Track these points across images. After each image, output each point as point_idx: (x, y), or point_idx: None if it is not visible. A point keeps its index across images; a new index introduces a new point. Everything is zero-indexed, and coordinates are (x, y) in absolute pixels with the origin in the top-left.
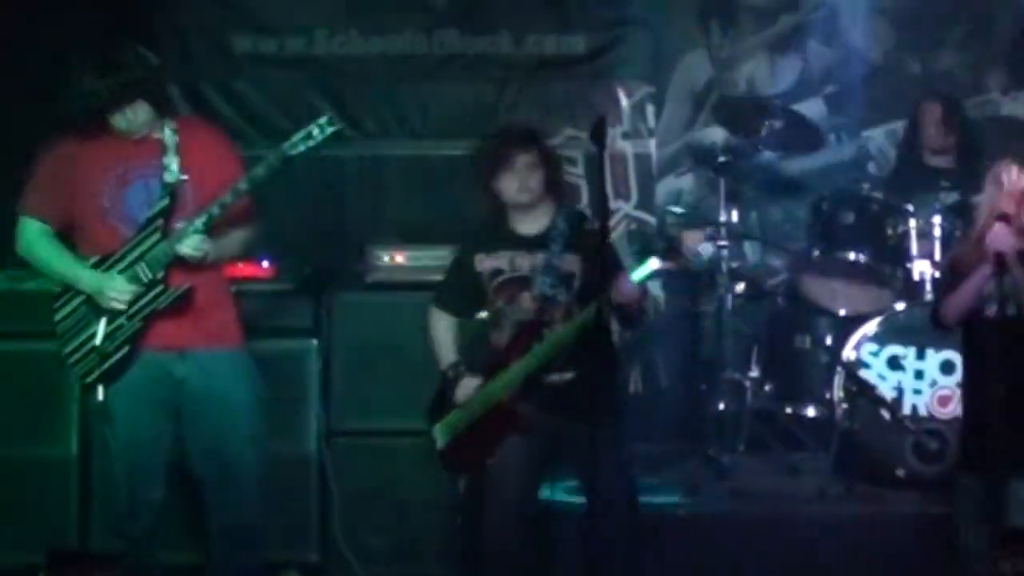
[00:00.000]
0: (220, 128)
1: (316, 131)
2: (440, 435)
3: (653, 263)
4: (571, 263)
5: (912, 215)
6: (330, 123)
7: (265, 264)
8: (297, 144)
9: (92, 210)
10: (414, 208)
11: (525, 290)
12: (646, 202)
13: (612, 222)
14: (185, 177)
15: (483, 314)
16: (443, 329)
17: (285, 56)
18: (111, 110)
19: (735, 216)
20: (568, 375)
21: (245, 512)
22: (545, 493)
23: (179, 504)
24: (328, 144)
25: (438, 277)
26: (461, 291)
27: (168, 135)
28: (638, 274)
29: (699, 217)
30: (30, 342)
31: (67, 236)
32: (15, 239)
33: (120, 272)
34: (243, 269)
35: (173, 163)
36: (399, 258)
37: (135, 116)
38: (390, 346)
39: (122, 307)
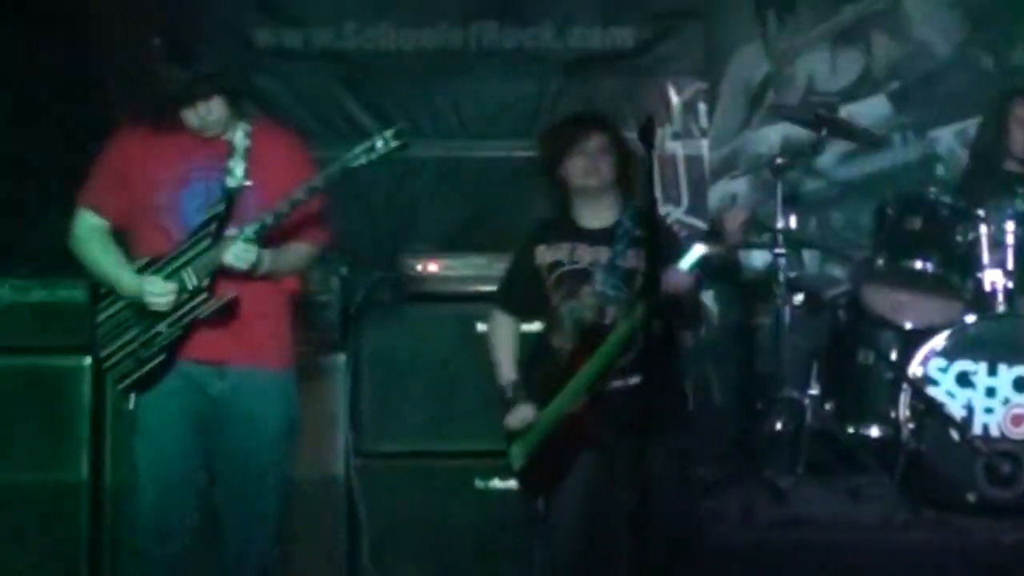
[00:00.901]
0: (299, 137)
1: (380, 143)
2: (517, 455)
3: (698, 248)
4: (635, 259)
5: (983, 221)
6: (397, 135)
7: None
8: (359, 156)
9: (147, 208)
10: (449, 214)
11: (585, 284)
12: (698, 207)
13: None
14: (249, 183)
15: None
16: (504, 336)
17: (311, 51)
18: (187, 103)
19: (793, 222)
20: (634, 380)
21: (259, 541)
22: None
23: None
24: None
25: (475, 287)
26: (523, 289)
27: (239, 138)
28: (685, 261)
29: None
30: (37, 357)
31: (123, 235)
32: (69, 233)
33: (166, 278)
34: None
35: (239, 167)
36: (433, 268)
37: (209, 112)
38: (423, 361)
39: (162, 308)
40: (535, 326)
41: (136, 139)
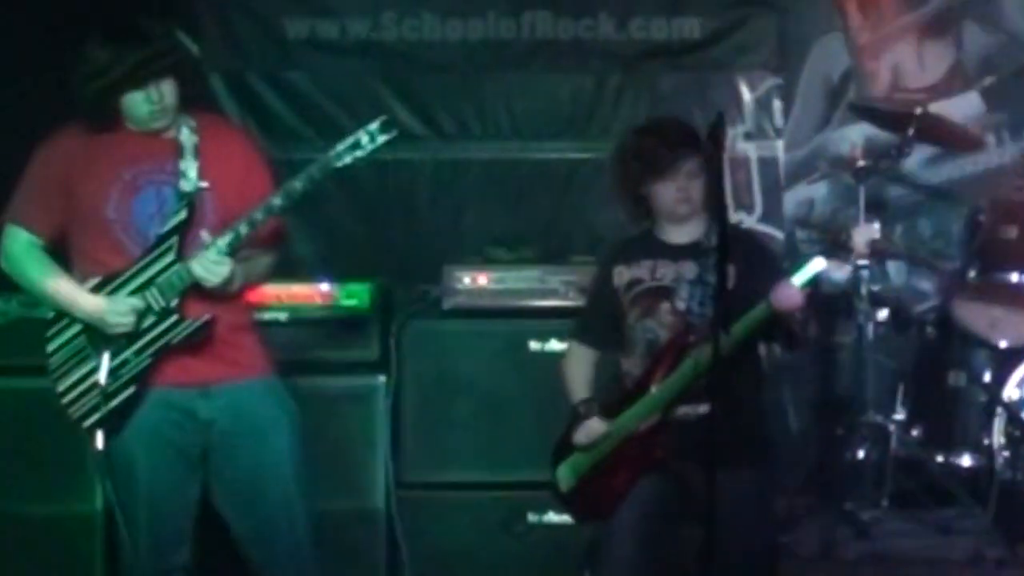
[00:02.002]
0: (244, 127)
1: (365, 139)
2: (565, 477)
3: (818, 263)
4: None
5: None
6: (382, 129)
7: (324, 287)
8: (342, 155)
9: (93, 221)
10: (499, 221)
11: (665, 301)
12: (772, 214)
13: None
14: (205, 185)
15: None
16: (577, 364)
17: (347, 43)
18: (128, 88)
19: (877, 231)
20: (702, 408)
21: (295, 572)
22: None
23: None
24: (382, 151)
25: (528, 302)
26: (602, 317)
27: (186, 134)
28: (801, 277)
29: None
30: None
31: (61, 252)
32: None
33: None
34: (298, 292)
35: (191, 168)
36: (482, 280)
37: (160, 97)
38: (471, 384)
39: (127, 330)
40: None
41: (71, 143)
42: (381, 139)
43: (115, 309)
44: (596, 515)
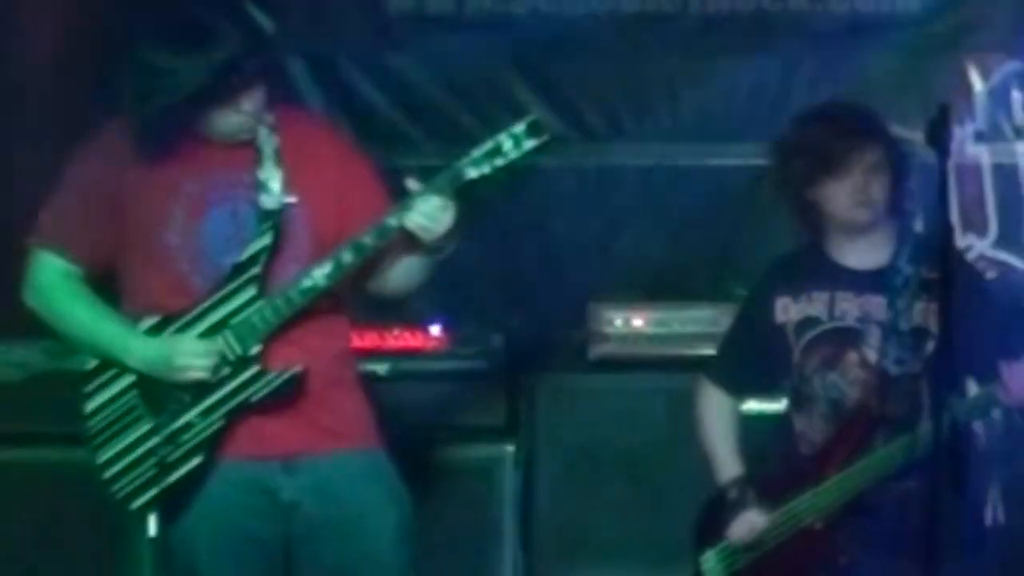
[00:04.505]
0: (336, 123)
1: (508, 144)
2: (713, 567)
3: None
4: (923, 315)
5: None
6: (530, 132)
7: (434, 331)
8: (479, 162)
9: (149, 246)
10: (660, 246)
11: (851, 350)
12: (1012, 239)
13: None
14: (293, 200)
15: (781, 402)
16: (715, 417)
17: (466, 18)
18: (206, 106)
19: None
20: (888, 498)
21: None
22: None
23: None
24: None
25: (694, 350)
26: (750, 356)
27: (264, 135)
28: None
29: None
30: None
31: (104, 287)
32: (25, 283)
33: None
34: (401, 338)
35: (274, 179)
36: (638, 321)
37: (251, 109)
38: (623, 456)
39: (202, 376)
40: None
41: (119, 147)
42: (529, 145)
43: (185, 349)
44: None
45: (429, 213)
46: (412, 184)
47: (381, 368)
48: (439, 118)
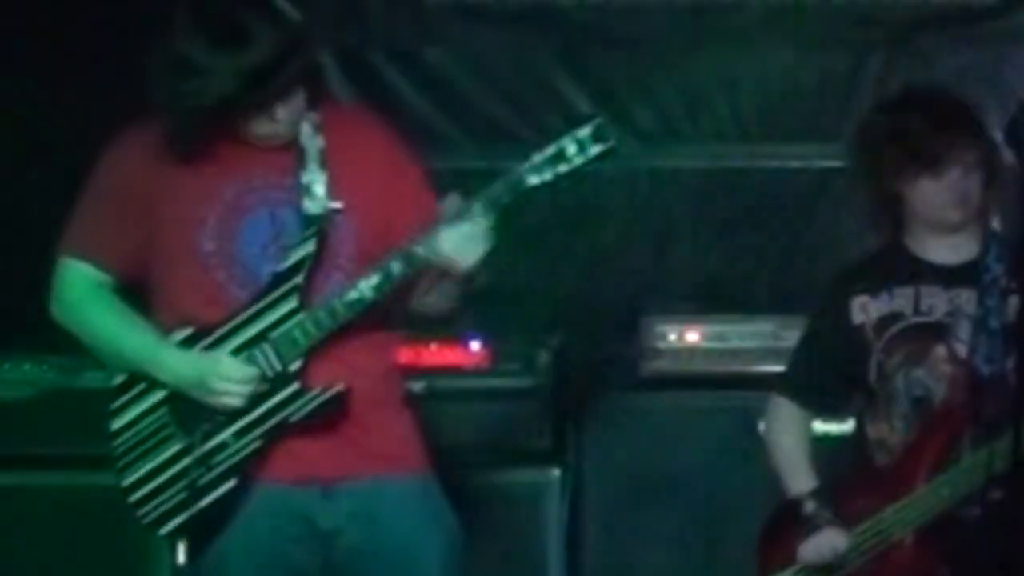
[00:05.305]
0: (387, 121)
1: (572, 149)
2: None
3: None
4: (1015, 311)
5: None
6: (595, 136)
7: (475, 347)
8: (541, 168)
9: (183, 254)
10: (717, 254)
11: (938, 344)
12: None
13: None
14: (339, 205)
15: (848, 422)
16: (786, 431)
17: (508, 9)
18: (244, 111)
19: None
20: (975, 509)
21: None
22: None
23: None
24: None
25: (757, 367)
26: (824, 364)
27: (307, 135)
28: None
29: None
30: (99, 473)
31: (134, 297)
32: (52, 295)
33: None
34: (439, 355)
35: (317, 182)
36: (693, 336)
37: (290, 114)
38: (678, 480)
39: (237, 404)
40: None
41: (149, 148)
42: (595, 151)
43: (223, 372)
44: None
45: (457, 244)
46: (451, 201)
47: (417, 386)
48: (478, 117)
